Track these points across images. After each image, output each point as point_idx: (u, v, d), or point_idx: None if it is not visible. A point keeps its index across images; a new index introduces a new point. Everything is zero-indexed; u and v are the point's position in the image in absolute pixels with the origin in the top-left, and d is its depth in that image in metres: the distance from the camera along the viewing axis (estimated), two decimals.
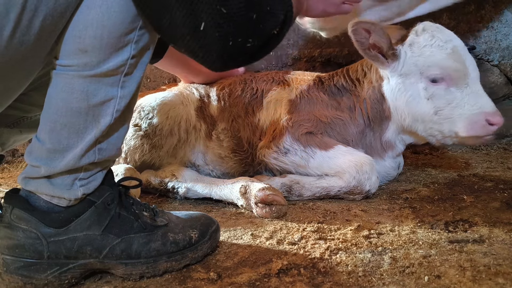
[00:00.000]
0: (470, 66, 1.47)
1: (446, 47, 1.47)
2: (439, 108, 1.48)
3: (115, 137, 0.93)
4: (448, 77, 1.46)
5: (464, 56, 1.47)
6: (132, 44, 0.85)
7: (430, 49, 1.48)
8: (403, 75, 1.53)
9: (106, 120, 0.88)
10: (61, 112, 0.86)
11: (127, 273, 0.93)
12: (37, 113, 1.05)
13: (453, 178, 1.74)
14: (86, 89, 0.85)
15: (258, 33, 0.87)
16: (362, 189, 1.48)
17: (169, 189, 1.61)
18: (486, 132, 1.43)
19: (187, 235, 1.00)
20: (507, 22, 2.44)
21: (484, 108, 1.43)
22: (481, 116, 1.42)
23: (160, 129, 1.63)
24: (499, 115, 1.42)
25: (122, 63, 0.86)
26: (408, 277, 0.90)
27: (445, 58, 1.46)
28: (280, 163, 1.61)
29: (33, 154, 0.89)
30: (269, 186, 1.40)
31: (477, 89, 1.46)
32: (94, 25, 0.81)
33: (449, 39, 1.49)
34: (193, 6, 0.78)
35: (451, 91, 1.46)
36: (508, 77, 2.48)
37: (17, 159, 2.41)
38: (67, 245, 0.89)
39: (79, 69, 0.84)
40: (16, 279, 0.87)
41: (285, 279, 0.91)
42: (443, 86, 1.47)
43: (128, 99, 0.90)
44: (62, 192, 0.89)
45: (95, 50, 0.82)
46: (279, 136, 1.62)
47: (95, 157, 0.90)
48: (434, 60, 1.47)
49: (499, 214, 1.27)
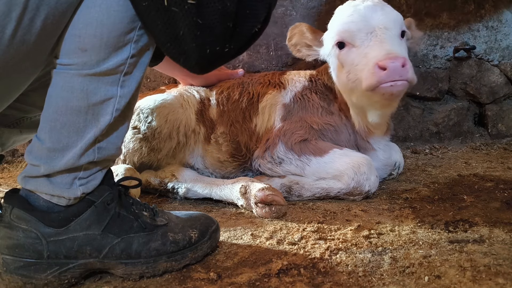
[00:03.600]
0: (372, 21, 1.42)
1: (344, 13, 1.50)
2: (348, 72, 1.47)
3: (115, 136, 0.93)
4: (346, 39, 1.46)
5: (365, 14, 1.44)
6: (132, 43, 0.86)
7: (334, 19, 1.55)
8: (328, 55, 1.60)
9: (105, 119, 0.89)
10: (61, 111, 0.86)
11: (127, 273, 0.93)
12: (37, 113, 1.05)
13: (453, 178, 1.74)
14: (86, 88, 0.85)
15: (235, 39, 0.89)
16: (361, 190, 1.47)
17: (169, 189, 1.60)
18: (378, 79, 1.31)
19: (187, 235, 1.00)
20: (507, 22, 2.44)
21: (375, 56, 1.34)
22: (372, 64, 1.34)
23: (159, 132, 1.63)
24: (390, 57, 1.29)
25: (122, 62, 0.86)
26: (408, 277, 0.90)
27: (341, 23, 1.48)
28: (275, 173, 1.61)
29: (33, 153, 0.89)
30: (268, 186, 1.39)
31: (380, 41, 1.38)
32: (93, 24, 0.81)
33: (352, 5, 1.50)
34: (172, 16, 0.81)
35: (352, 52, 1.45)
36: (508, 77, 2.48)
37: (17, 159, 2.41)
38: (67, 245, 0.89)
39: (79, 68, 0.84)
40: (16, 279, 0.87)
41: (285, 279, 0.91)
42: (346, 49, 1.48)
43: (127, 98, 0.91)
44: (61, 191, 0.89)
45: (95, 49, 0.83)
46: (272, 146, 1.62)
47: (95, 156, 0.90)
48: (334, 28, 1.52)
49: (499, 214, 1.27)
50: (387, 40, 1.38)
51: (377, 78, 1.31)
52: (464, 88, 2.49)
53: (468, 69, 2.50)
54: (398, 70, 1.29)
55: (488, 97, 2.50)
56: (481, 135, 2.52)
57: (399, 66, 1.29)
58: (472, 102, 2.56)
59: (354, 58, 1.43)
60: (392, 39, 1.40)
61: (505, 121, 2.48)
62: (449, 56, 2.50)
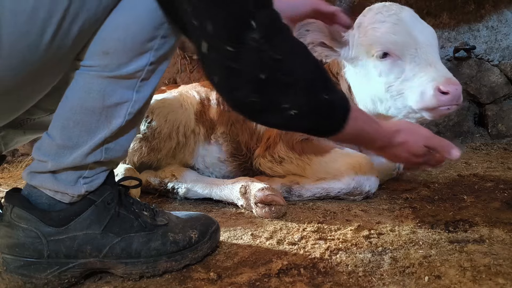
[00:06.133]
0: (418, 36, 1.40)
1: (388, 21, 1.43)
2: (389, 84, 1.43)
3: (124, 139, 0.95)
4: (393, 51, 1.41)
5: (410, 27, 1.42)
6: (153, 51, 0.87)
7: (373, 26, 1.46)
8: (354, 58, 1.52)
9: (118, 121, 0.90)
10: (76, 110, 0.87)
11: (127, 273, 0.93)
12: (40, 115, 1.06)
13: (453, 178, 1.74)
14: (103, 89, 0.86)
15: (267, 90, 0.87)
16: (362, 190, 1.47)
17: (169, 189, 1.60)
18: (438, 103, 1.32)
19: (187, 235, 1.00)
20: (507, 22, 2.44)
21: (434, 78, 1.34)
22: (430, 86, 1.33)
23: (158, 132, 1.63)
24: (452, 83, 1.31)
25: (141, 68, 0.88)
26: (408, 277, 0.90)
27: (386, 32, 1.42)
28: (276, 172, 1.60)
29: (41, 149, 0.90)
30: (268, 187, 1.39)
31: (428, 59, 1.38)
32: (120, 28, 0.83)
33: (393, 13, 1.45)
34: None
35: (398, 65, 1.41)
36: (508, 77, 2.48)
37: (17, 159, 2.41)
38: (67, 244, 0.89)
39: (100, 69, 0.85)
40: (16, 278, 0.87)
41: (285, 279, 0.91)
42: (389, 60, 1.42)
43: (141, 103, 0.92)
44: (66, 187, 0.89)
45: (117, 53, 0.84)
46: (273, 145, 1.61)
47: (102, 156, 0.91)
48: (376, 36, 1.44)
49: (499, 214, 1.27)
50: (438, 61, 1.39)
51: (437, 101, 1.32)
52: (464, 88, 2.49)
53: (468, 69, 2.50)
54: (457, 96, 1.32)
55: (488, 97, 2.50)
56: (481, 135, 2.52)
57: (459, 93, 1.32)
58: (472, 102, 2.56)
59: (401, 73, 1.40)
60: (439, 58, 1.41)
61: (505, 121, 2.49)
62: (449, 56, 2.50)
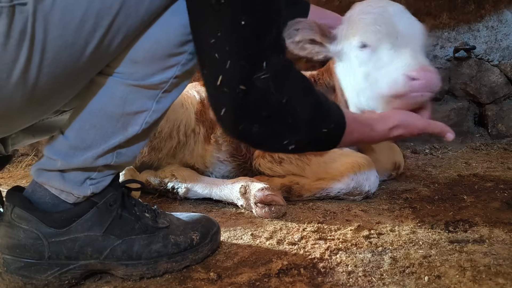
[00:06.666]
0: (401, 27, 1.38)
1: (373, 12, 1.43)
2: (367, 73, 1.41)
3: (136, 146, 0.95)
4: (372, 42, 1.39)
5: (395, 18, 1.40)
6: (179, 65, 0.88)
7: (359, 17, 1.45)
8: (341, 51, 1.51)
9: (134, 129, 0.90)
10: (95, 113, 0.88)
11: (127, 274, 0.93)
12: (50, 116, 1.06)
13: (453, 178, 1.75)
14: (125, 96, 0.87)
15: None
16: (361, 190, 1.47)
17: (168, 189, 1.61)
18: (408, 89, 1.26)
19: (188, 237, 1.00)
20: (507, 22, 2.44)
21: (408, 64, 1.30)
22: (402, 73, 1.29)
23: (159, 132, 1.63)
24: (426, 70, 1.26)
25: (165, 80, 0.88)
26: (408, 277, 0.90)
27: (369, 23, 1.41)
28: (275, 172, 1.60)
29: (53, 148, 0.90)
30: (268, 186, 1.40)
31: (408, 49, 1.34)
32: (151, 39, 0.84)
33: (381, 6, 1.44)
34: None
35: (377, 54, 1.39)
36: (508, 77, 2.48)
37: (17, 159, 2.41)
38: (68, 246, 0.89)
39: (125, 77, 0.86)
40: (16, 279, 0.87)
41: (285, 279, 0.91)
42: (369, 49, 1.40)
43: (159, 114, 0.92)
44: (72, 187, 0.89)
45: (145, 63, 0.85)
46: None
47: (112, 160, 0.91)
48: (359, 27, 1.43)
49: (499, 214, 1.27)
50: (419, 52, 1.36)
51: (407, 88, 1.27)
52: (464, 88, 2.49)
53: (468, 69, 2.50)
54: (431, 83, 1.27)
55: (488, 97, 2.50)
56: (481, 135, 2.52)
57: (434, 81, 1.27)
58: (472, 102, 2.56)
59: (378, 61, 1.38)
60: (421, 50, 1.38)
61: (505, 121, 2.49)
62: (449, 56, 2.50)
